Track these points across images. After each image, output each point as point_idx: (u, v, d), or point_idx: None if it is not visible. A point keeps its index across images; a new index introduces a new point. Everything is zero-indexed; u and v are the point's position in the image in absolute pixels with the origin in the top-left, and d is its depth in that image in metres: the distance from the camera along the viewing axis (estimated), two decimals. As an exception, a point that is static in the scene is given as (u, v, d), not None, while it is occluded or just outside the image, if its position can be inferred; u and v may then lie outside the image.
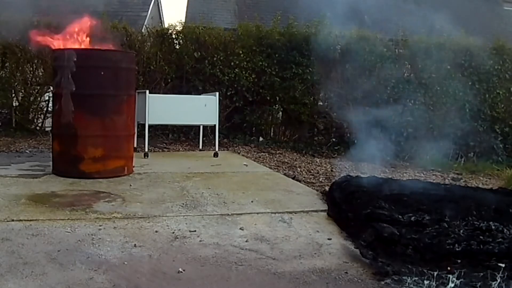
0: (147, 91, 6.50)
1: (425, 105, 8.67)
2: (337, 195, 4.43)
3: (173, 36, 8.66)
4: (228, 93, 8.43)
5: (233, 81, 8.36)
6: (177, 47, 8.62)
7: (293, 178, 5.77)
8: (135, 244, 3.25)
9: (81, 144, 5.04)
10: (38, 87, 8.33)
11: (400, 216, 3.70)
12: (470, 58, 8.71)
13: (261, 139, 8.64)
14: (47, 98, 8.21)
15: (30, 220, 3.57)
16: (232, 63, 8.32)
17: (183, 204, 4.21)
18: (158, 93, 7.74)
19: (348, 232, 3.69)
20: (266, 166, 6.56)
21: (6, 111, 8.32)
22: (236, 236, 3.52)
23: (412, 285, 2.81)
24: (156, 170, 5.59)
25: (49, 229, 3.42)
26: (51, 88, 6.73)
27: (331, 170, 6.66)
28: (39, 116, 8.43)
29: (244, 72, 8.34)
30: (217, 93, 6.92)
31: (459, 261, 3.05)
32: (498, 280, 2.84)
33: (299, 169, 6.63)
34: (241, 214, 4.03)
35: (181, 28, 8.76)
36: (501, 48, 8.84)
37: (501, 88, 8.79)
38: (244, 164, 6.43)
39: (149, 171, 5.54)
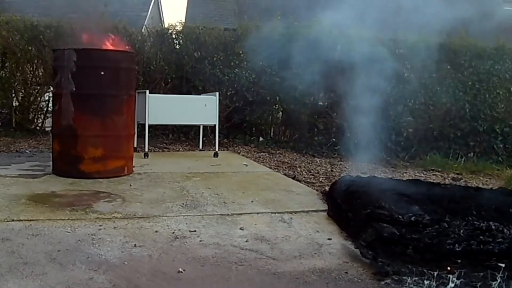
0: (147, 91, 6.50)
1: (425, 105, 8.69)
2: (337, 195, 4.43)
3: (173, 36, 8.65)
4: (228, 93, 8.42)
5: (233, 81, 8.35)
6: (177, 47, 8.61)
7: (293, 178, 5.77)
8: (135, 244, 3.25)
9: (81, 144, 5.04)
10: (38, 87, 8.32)
11: (400, 216, 3.70)
12: (470, 58, 8.71)
13: (261, 139, 8.64)
14: (47, 98, 8.21)
15: (30, 220, 3.57)
16: (232, 63, 8.32)
17: (183, 204, 4.21)
18: (158, 93, 7.74)
19: (348, 232, 3.69)
20: (266, 166, 6.56)
21: (6, 111, 8.31)
22: (236, 236, 3.52)
23: (412, 285, 2.81)
24: (156, 170, 5.59)
25: (49, 229, 3.42)
26: (51, 88, 6.73)
27: (331, 170, 6.66)
28: (39, 116, 8.43)
29: (244, 72, 8.34)
30: (217, 93, 6.92)
31: (459, 261, 3.05)
32: (498, 280, 2.84)
33: (299, 169, 6.64)
34: (241, 214, 4.03)
35: (181, 28, 8.76)
36: (501, 48, 8.83)
37: (501, 88, 8.79)
38: (244, 164, 6.43)
39: (149, 171, 5.54)
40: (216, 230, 3.63)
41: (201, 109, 6.79)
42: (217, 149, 6.97)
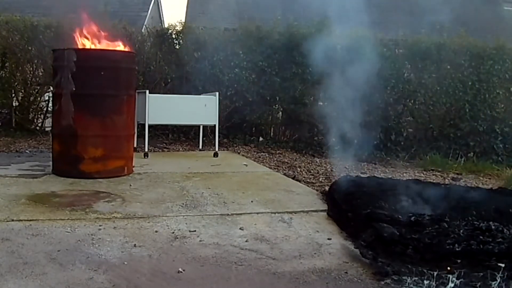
0: (147, 91, 6.50)
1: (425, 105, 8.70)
2: (337, 195, 4.43)
3: (173, 36, 8.65)
4: (228, 93, 8.42)
5: (233, 81, 8.35)
6: (177, 47, 8.61)
7: (293, 178, 5.77)
8: (135, 244, 3.25)
9: (81, 144, 5.04)
10: (38, 87, 8.32)
11: (400, 216, 3.70)
12: (470, 58, 8.70)
13: (261, 139, 8.64)
14: (47, 98, 8.20)
15: (30, 220, 3.58)
16: (232, 63, 8.32)
17: (183, 204, 4.21)
18: (158, 93, 7.73)
19: (348, 232, 3.69)
20: (266, 166, 6.56)
21: (6, 111, 8.31)
22: (236, 236, 3.52)
23: (412, 285, 2.81)
24: (156, 170, 5.58)
25: (49, 229, 3.42)
26: (51, 88, 6.73)
27: (331, 170, 6.66)
28: (39, 116, 8.42)
29: (244, 72, 8.34)
30: (217, 93, 6.92)
31: (459, 261, 3.05)
32: (498, 280, 2.84)
33: (299, 169, 6.63)
34: (241, 214, 4.03)
35: (181, 28, 8.76)
36: (501, 48, 8.83)
37: (501, 88, 8.79)
38: (244, 164, 6.43)
39: (149, 171, 5.54)
40: (216, 230, 3.63)
41: (201, 109, 6.79)
42: (217, 149, 6.96)
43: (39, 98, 8.34)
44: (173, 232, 3.52)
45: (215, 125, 6.93)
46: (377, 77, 8.36)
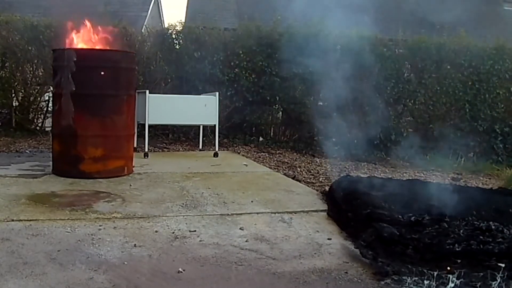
0: (147, 91, 6.50)
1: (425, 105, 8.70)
2: (337, 195, 4.43)
3: (173, 36, 8.65)
4: (228, 93, 8.42)
5: (233, 81, 8.35)
6: (177, 47, 8.61)
7: (293, 178, 5.77)
8: (135, 244, 3.25)
9: (81, 144, 5.04)
10: (38, 87, 8.32)
11: (400, 216, 3.70)
12: (470, 58, 8.70)
13: (261, 139, 8.64)
14: (47, 98, 8.20)
15: (30, 220, 3.58)
16: (232, 63, 8.32)
17: (183, 204, 4.21)
18: (158, 93, 7.73)
19: (348, 232, 3.69)
20: (266, 166, 6.56)
21: (6, 111, 8.31)
22: (236, 236, 3.52)
23: (412, 285, 2.81)
24: (156, 170, 5.59)
25: (49, 229, 3.42)
26: (51, 88, 6.73)
27: (331, 170, 6.66)
28: (39, 116, 8.42)
29: (244, 72, 8.34)
30: (217, 93, 6.92)
31: (459, 261, 3.05)
32: (498, 280, 2.84)
33: (299, 169, 6.64)
34: (241, 214, 4.03)
35: (181, 28, 8.76)
36: (501, 48, 8.83)
37: (501, 88, 8.79)
38: (244, 164, 6.43)
39: (149, 171, 5.55)
40: (216, 230, 3.63)
41: (201, 109, 6.79)
42: (217, 149, 6.96)
43: (39, 98, 8.33)
44: (173, 232, 3.52)
45: (215, 125, 6.93)
46: (377, 77, 8.39)
